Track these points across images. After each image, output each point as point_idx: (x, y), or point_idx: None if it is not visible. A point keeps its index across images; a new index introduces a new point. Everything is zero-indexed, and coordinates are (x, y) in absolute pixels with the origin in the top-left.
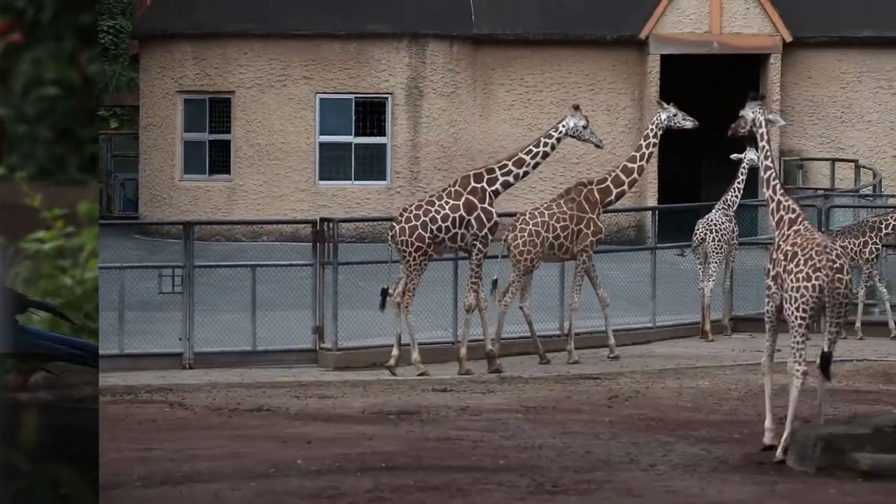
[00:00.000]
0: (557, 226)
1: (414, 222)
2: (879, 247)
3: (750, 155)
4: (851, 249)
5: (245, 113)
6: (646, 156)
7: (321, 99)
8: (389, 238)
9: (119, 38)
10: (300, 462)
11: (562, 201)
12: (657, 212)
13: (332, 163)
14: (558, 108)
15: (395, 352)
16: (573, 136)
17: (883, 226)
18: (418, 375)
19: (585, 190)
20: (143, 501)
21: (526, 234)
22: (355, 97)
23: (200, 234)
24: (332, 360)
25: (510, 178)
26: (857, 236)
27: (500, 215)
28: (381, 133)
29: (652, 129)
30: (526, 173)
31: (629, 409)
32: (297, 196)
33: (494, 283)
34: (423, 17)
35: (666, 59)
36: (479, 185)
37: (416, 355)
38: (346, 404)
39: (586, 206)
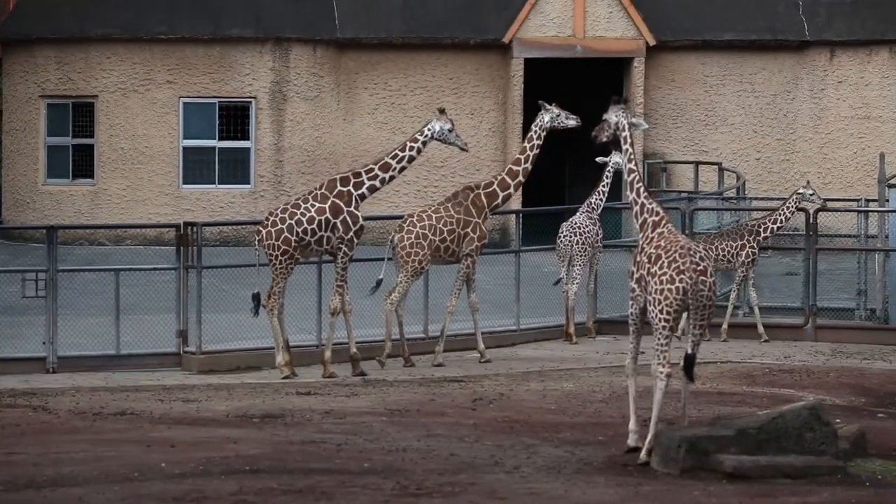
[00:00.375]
0: (444, 229)
1: (280, 225)
2: (756, 250)
3: (615, 158)
4: (729, 252)
5: (109, 117)
6: (530, 158)
7: (185, 103)
8: (256, 242)
9: None
10: (164, 466)
11: (449, 205)
12: (521, 215)
13: (196, 167)
14: (422, 111)
15: (282, 359)
16: (439, 140)
17: (761, 229)
18: (283, 379)
19: (472, 194)
20: None
21: (413, 237)
22: (219, 101)
23: (64, 238)
24: (196, 363)
25: (377, 183)
26: (734, 239)
27: (370, 218)
28: (245, 137)
29: (535, 131)
30: (392, 177)
31: (493, 411)
32: (160, 200)
33: (378, 282)
34: (286, 21)
35: (530, 63)
36: (345, 189)
37: (280, 358)
38: (211, 408)
39: (473, 211)
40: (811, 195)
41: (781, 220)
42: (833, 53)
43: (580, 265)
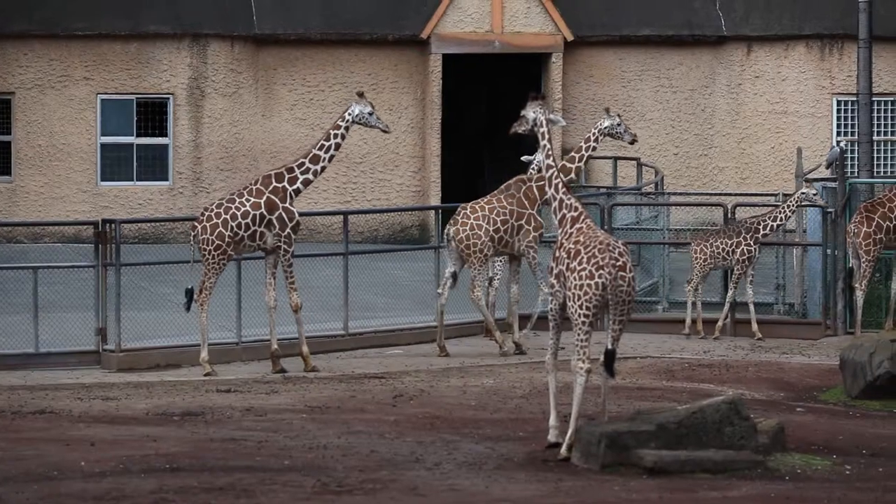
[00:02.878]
0: (498, 220)
1: (215, 220)
2: (753, 248)
3: (539, 156)
4: (724, 250)
5: (25, 114)
6: (584, 157)
7: (102, 100)
8: (192, 238)
9: None
10: (84, 464)
11: (501, 196)
12: (440, 211)
13: (114, 164)
14: (341, 107)
15: (206, 354)
16: (360, 123)
17: (760, 227)
18: (204, 375)
19: (525, 186)
20: None
21: (468, 228)
22: (137, 98)
23: None
24: (115, 361)
25: (310, 176)
26: (731, 237)
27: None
28: (163, 134)
29: (594, 133)
30: (324, 168)
31: (414, 407)
32: (78, 197)
33: (453, 276)
34: (204, 17)
35: (448, 59)
36: (280, 185)
37: (205, 353)
38: (130, 406)
39: (526, 202)
40: (814, 195)
41: (782, 217)
42: (750, 48)
43: (499, 261)
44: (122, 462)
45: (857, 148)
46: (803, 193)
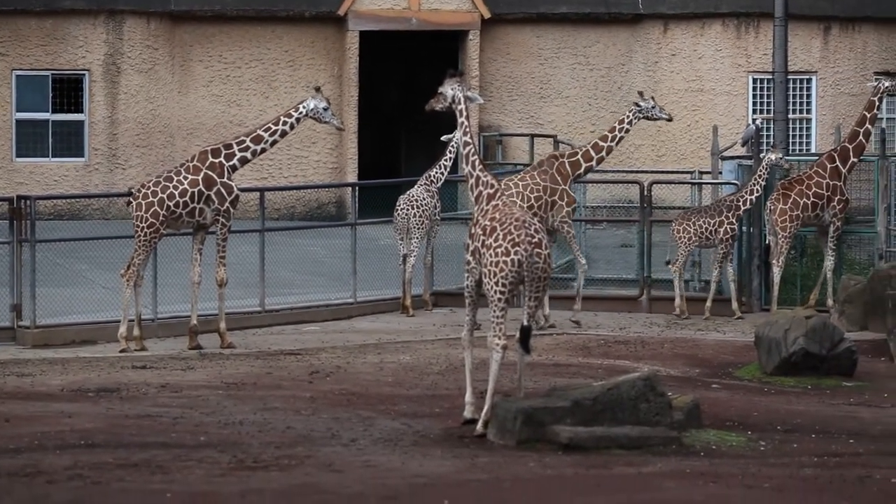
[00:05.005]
0: (531, 196)
1: (151, 199)
2: (736, 226)
3: (458, 134)
4: (707, 229)
5: None
6: (617, 137)
7: (17, 76)
8: (127, 212)
9: None
10: None
11: (535, 172)
12: (357, 188)
13: (30, 140)
14: (257, 84)
15: (128, 330)
16: (313, 118)
17: (740, 203)
18: (119, 352)
19: (557, 162)
20: None
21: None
22: (52, 74)
23: None
24: (30, 337)
25: (248, 154)
26: (713, 216)
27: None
28: (79, 110)
29: (628, 117)
30: (264, 150)
31: (330, 384)
32: None
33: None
34: None
35: (365, 36)
36: (217, 160)
37: (123, 329)
38: (45, 382)
39: (558, 178)
40: (780, 158)
41: (757, 189)
42: (666, 26)
43: (417, 238)
44: (37, 438)
45: (772, 126)
46: (770, 160)
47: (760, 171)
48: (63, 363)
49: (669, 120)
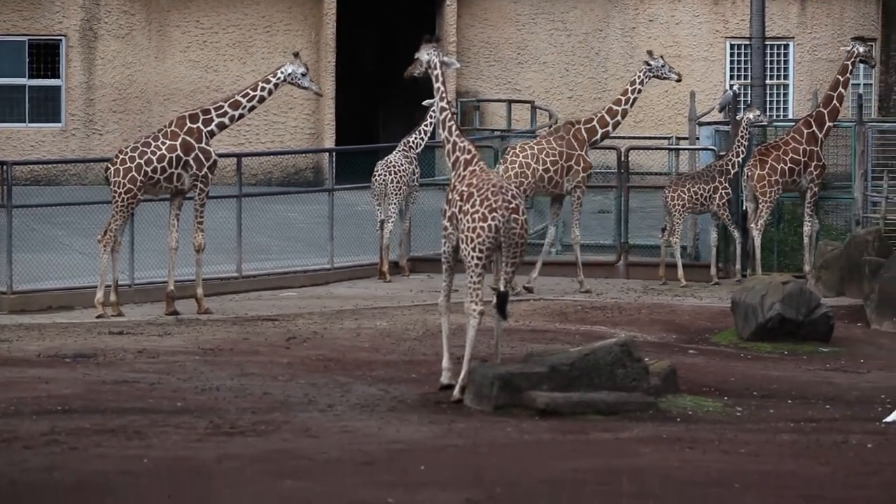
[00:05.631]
0: (547, 160)
1: (129, 164)
2: (729, 190)
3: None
4: (702, 195)
5: None
6: (630, 100)
7: None
8: (105, 180)
9: None
10: None
11: (551, 138)
12: (335, 153)
13: (6, 105)
14: (234, 49)
15: (105, 296)
16: (291, 83)
17: (729, 166)
18: (96, 318)
19: (574, 128)
20: None
21: (517, 166)
22: (28, 39)
23: None
24: (7, 303)
25: (225, 120)
26: (707, 182)
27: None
28: (56, 75)
29: (639, 77)
30: (241, 115)
31: (307, 349)
32: None
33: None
34: None
35: (342, 2)
36: (194, 126)
37: (100, 295)
38: (22, 348)
39: (575, 144)
40: (758, 116)
41: (741, 151)
42: None
43: (395, 203)
44: (14, 404)
45: (749, 91)
46: (748, 119)
47: (741, 132)
48: (40, 329)
49: (678, 80)
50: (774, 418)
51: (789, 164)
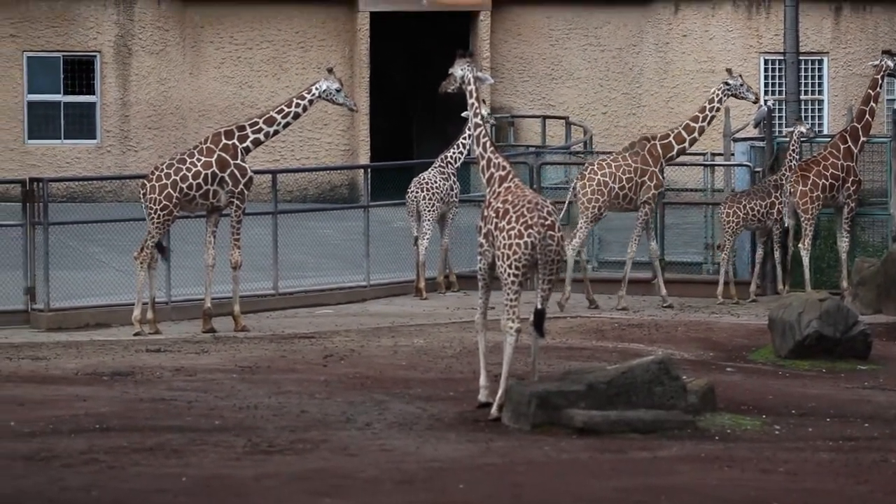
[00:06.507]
0: (623, 177)
1: (164, 181)
2: (785, 205)
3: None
4: (759, 211)
5: None
6: (708, 118)
7: (28, 57)
8: (140, 196)
9: None
10: (13, 424)
11: (627, 154)
12: (370, 170)
13: (41, 122)
14: (269, 65)
15: (142, 313)
16: (326, 99)
17: (783, 181)
18: (134, 335)
19: (649, 144)
20: None
21: (594, 184)
22: (63, 55)
23: None
24: (44, 321)
25: (261, 136)
26: (763, 197)
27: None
28: (91, 92)
29: (717, 95)
30: (276, 132)
31: (344, 367)
32: (5, 155)
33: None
34: None
35: (376, 17)
36: (230, 142)
37: (137, 312)
38: (60, 365)
39: (649, 160)
40: (808, 130)
41: (793, 165)
42: (678, 7)
43: (428, 220)
44: (52, 422)
45: (784, 107)
46: (800, 132)
47: (792, 145)
48: (77, 346)
49: (755, 101)
50: (813, 437)
51: (829, 180)
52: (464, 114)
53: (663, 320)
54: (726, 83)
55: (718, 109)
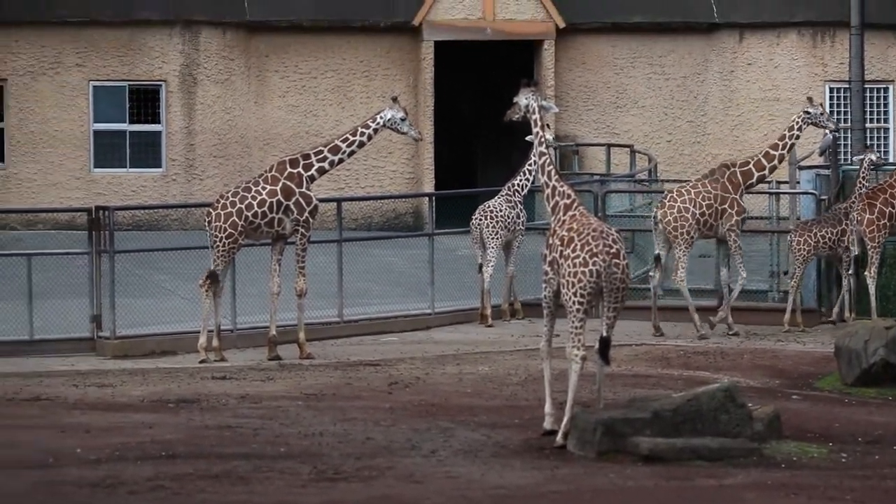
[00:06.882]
0: (703, 203)
1: (230, 209)
2: (852, 233)
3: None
4: (830, 238)
5: (18, 101)
6: (787, 145)
7: (94, 86)
8: (206, 224)
9: None
10: (79, 451)
11: (706, 181)
12: (434, 198)
13: (108, 150)
14: (333, 94)
15: (208, 341)
16: (391, 128)
17: (853, 209)
18: (200, 363)
19: (729, 172)
20: None
21: (675, 211)
22: (129, 84)
23: None
24: (110, 348)
25: (325, 165)
26: (833, 225)
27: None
28: (156, 120)
29: (797, 122)
30: (341, 160)
31: (409, 395)
32: (72, 184)
33: (657, 258)
34: (195, 3)
35: (440, 46)
36: (295, 171)
37: (203, 340)
38: (126, 393)
39: (729, 187)
40: (877, 157)
41: (862, 193)
42: (742, 36)
43: (493, 248)
44: (118, 449)
45: (849, 135)
46: (870, 160)
47: (863, 173)
48: (143, 374)
49: (834, 130)
50: (880, 465)
51: (895, 209)
52: (528, 137)
53: (729, 348)
54: (806, 111)
55: (798, 137)
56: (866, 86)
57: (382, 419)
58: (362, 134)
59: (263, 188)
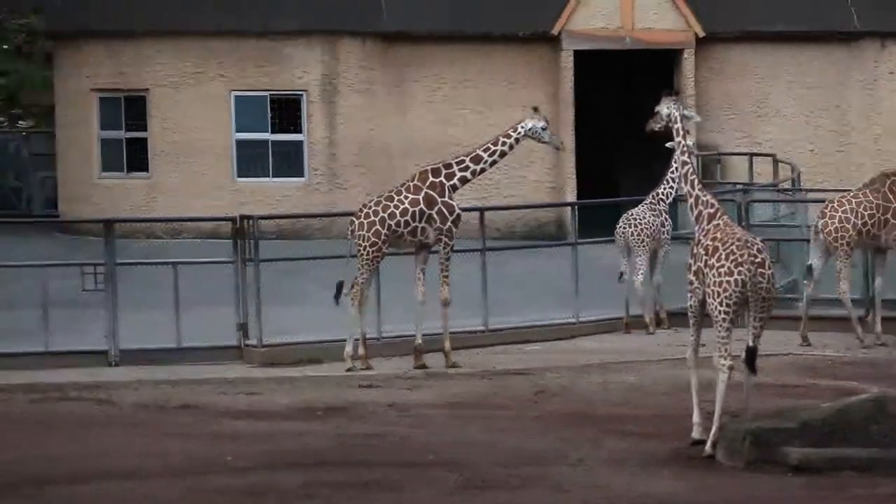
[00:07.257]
0: (865, 213)
1: (372, 218)
2: None
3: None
4: None
5: (160, 111)
6: None
7: (236, 97)
8: (349, 233)
9: (32, 36)
10: (229, 459)
11: (867, 190)
12: (576, 207)
13: (251, 160)
14: (474, 103)
15: (354, 349)
16: (532, 138)
17: None
18: (346, 371)
19: (889, 181)
20: (73, 498)
21: (836, 221)
22: (270, 94)
23: (121, 231)
24: (257, 356)
25: (467, 174)
26: None
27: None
28: (298, 130)
29: None
30: (483, 170)
31: (556, 404)
32: (215, 193)
33: (809, 268)
34: (335, 14)
35: (580, 55)
36: (437, 180)
37: (349, 348)
38: (274, 401)
39: (891, 196)
40: None
41: None
42: (884, 44)
43: (640, 256)
44: (269, 456)
45: None
46: None
47: None
48: (290, 382)
49: None
50: None
51: None
52: (668, 144)
53: (878, 358)
54: None
55: None
56: None
57: (529, 428)
58: (504, 143)
59: (406, 197)
